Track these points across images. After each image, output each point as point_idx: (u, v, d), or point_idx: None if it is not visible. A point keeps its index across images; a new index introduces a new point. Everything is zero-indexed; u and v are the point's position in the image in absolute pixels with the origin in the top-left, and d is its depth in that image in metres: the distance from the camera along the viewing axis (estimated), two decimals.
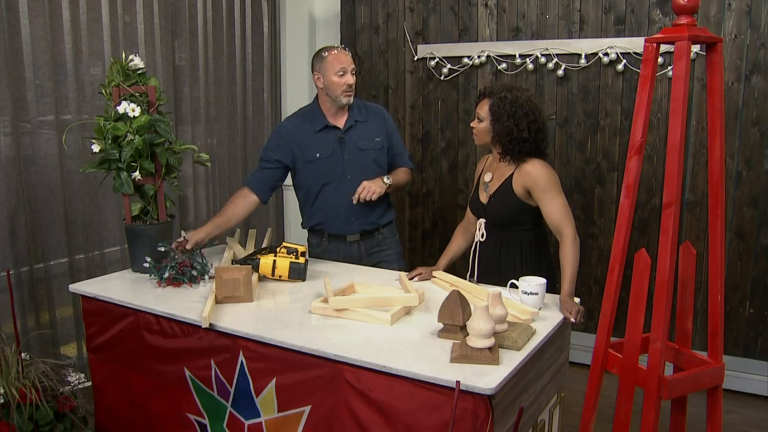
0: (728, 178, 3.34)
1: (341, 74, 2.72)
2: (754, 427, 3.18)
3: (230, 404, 2.06)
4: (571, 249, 2.37)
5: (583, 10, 3.57)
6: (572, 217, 2.44)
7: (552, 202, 2.42)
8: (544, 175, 2.43)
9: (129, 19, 3.22)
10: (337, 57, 2.73)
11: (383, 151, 2.90)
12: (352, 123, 2.84)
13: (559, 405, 2.22)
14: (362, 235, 2.91)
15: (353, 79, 2.76)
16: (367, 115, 2.90)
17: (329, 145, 2.82)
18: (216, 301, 2.17)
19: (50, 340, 2.96)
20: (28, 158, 2.83)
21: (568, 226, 2.40)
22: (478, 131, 2.56)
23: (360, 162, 2.84)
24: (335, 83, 2.73)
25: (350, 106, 2.85)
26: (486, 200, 2.58)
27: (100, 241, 3.16)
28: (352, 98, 2.80)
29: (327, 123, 2.82)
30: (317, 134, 2.82)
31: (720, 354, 1.88)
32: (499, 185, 2.53)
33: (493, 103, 2.50)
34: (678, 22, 1.71)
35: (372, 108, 2.95)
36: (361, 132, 2.86)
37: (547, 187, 2.43)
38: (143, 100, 2.48)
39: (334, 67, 2.72)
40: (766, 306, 3.38)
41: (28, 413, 2.21)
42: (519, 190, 2.47)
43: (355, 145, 2.83)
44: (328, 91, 2.76)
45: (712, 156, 1.79)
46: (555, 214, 2.41)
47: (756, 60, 3.23)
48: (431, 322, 1.99)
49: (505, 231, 2.54)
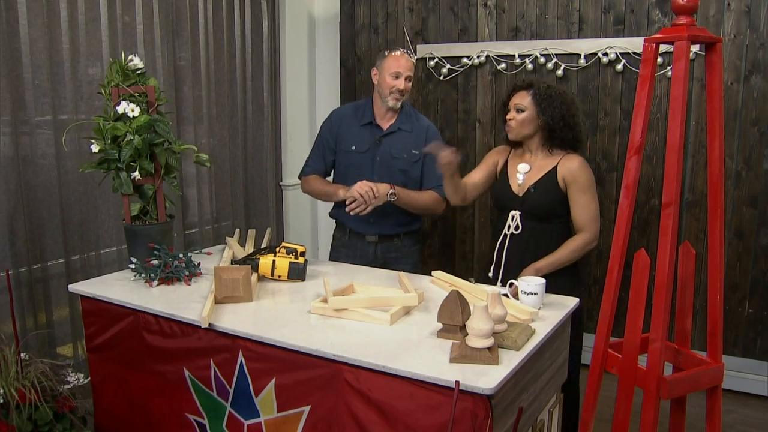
0: (727, 178, 3.34)
1: (395, 77, 2.79)
2: (753, 426, 3.18)
3: (229, 404, 2.06)
4: (578, 243, 2.43)
5: (583, 10, 3.57)
6: (599, 224, 2.49)
7: (587, 203, 2.47)
8: (587, 174, 2.48)
9: (128, 19, 3.22)
10: (397, 59, 2.80)
11: (417, 164, 2.92)
12: (395, 129, 2.89)
13: (558, 405, 2.21)
14: (380, 237, 2.93)
15: (405, 84, 2.81)
16: (413, 125, 2.93)
17: (366, 142, 2.90)
18: (215, 301, 2.17)
19: (47, 341, 2.96)
20: (26, 158, 2.83)
21: (593, 228, 2.46)
22: (519, 122, 2.54)
23: (389, 168, 2.88)
24: (387, 83, 2.80)
25: (401, 113, 2.90)
26: (521, 192, 2.56)
27: (96, 242, 3.15)
28: (399, 103, 2.85)
29: (372, 120, 2.90)
30: (361, 128, 2.91)
31: (719, 354, 1.89)
32: (541, 176, 2.52)
33: (537, 93, 2.51)
34: (677, 22, 1.71)
35: (421, 121, 2.99)
36: (400, 140, 2.89)
37: (585, 188, 2.47)
38: (142, 101, 2.48)
39: (391, 68, 2.79)
40: (766, 306, 3.38)
41: (28, 413, 2.21)
42: (561, 182, 2.50)
43: (389, 150, 2.88)
44: (379, 89, 2.85)
45: (712, 156, 1.79)
46: (585, 215, 2.46)
47: (755, 60, 3.23)
48: (431, 322, 1.99)
49: (543, 222, 2.54)
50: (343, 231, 3.05)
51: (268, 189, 4.23)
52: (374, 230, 2.93)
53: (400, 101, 2.84)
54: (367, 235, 2.95)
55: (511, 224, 2.58)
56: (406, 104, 2.94)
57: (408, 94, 2.89)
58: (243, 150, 4.02)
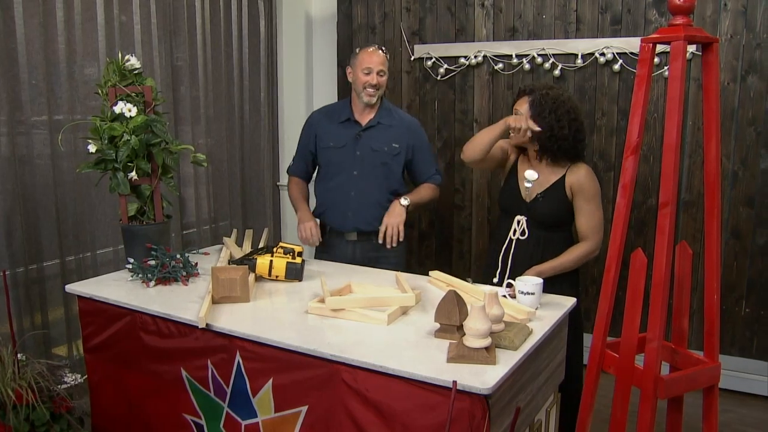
0: (724, 178, 3.35)
1: (366, 72, 2.81)
2: (750, 426, 3.19)
3: (227, 404, 2.06)
4: (582, 251, 2.47)
5: (580, 10, 3.58)
6: (602, 233, 2.50)
7: (592, 212, 2.48)
8: (594, 184, 2.50)
9: (125, 19, 3.21)
10: (369, 55, 2.83)
11: (398, 158, 2.94)
12: (374, 123, 2.91)
13: (555, 405, 2.22)
14: (359, 235, 2.92)
15: (378, 79, 2.83)
16: (392, 120, 2.95)
17: (345, 138, 2.91)
18: (213, 302, 2.17)
19: (43, 342, 2.95)
20: (23, 158, 2.82)
21: (596, 237, 2.48)
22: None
23: (370, 162, 2.90)
24: (360, 80, 2.83)
25: (380, 108, 2.92)
26: (529, 198, 2.56)
27: (92, 242, 3.15)
28: (374, 99, 2.87)
29: (350, 116, 2.92)
30: (339, 125, 2.94)
31: (716, 353, 1.89)
32: (549, 185, 2.52)
33: (534, 100, 2.49)
34: (674, 22, 1.71)
35: (402, 117, 3.02)
36: (380, 134, 2.91)
37: (591, 197, 2.49)
38: (140, 101, 2.48)
39: (363, 64, 2.82)
40: (762, 305, 3.38)
41: (25, 414, 2.20)
42: (569, 191, 2.50)
43: (369, 144, 2.90)
44: (354, 86, 2.88)
45: (708, 156, 1.79)
46: (589, 224, 2.48)
47: (752, 60, 3.23)
48: (428, 322, 1.99)
49: (549, 231, 2.54)
50: (323, 230, 3.03)
51: (266, 189, 4.23)
52: (352, 225, 2.92)
53: (374, 97, 2.85)
54: (346, 233, 2.95)
55: (518, 229, 2.57)
56: (384, 100, 2.96)
57: (383, 89, 2.90)
58: (240, 150, 4.02)
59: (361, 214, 2.88)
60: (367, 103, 2.88)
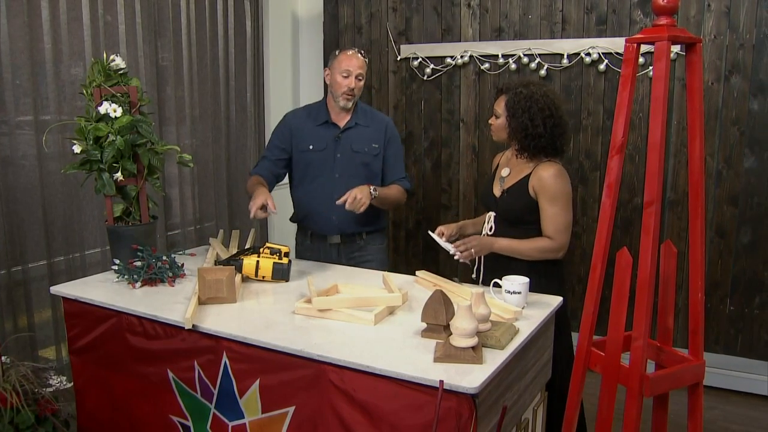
0: (708, 177, 3.38)
1: (345, 76, 2.79)
2: (735, 423, 3.22)
3: (214, 406, 2.05)
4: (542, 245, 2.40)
5: (565, 10, 3.59)
6: (568, 235, 2.43)
7: (555, 214, 2.40)
8: (556, 185, 2.39)
9: (110, 18, 3.19)
10: (348, 58, 2.81)
11: (378, 158, 2.93)
12: (352, 124, 2.89)
13: (542, 403, 2.23)
14: (342, 237, 2.92)
15: (356, 83, 2.81)
16: (369, 120, 2.94)
17: (324, 140, 2.88)
18: (199, 302, 2.16)
19: (29, 344, 2.93)
20: (6, 159, 2.79)
21: (560, 238, 2.40)
22: (495, 128, 2.55)
23: (351, 163, 2.88)
24: (338, 83, 2.81)
25: (356, 110, 2.91)
26: (499, 194, 2.55)
27: (80, 243, 3.13)
28: (350, 103, 2.85)
29: (328, 119, 2.89)
30: (317, 127, 2.90)
31: (701, 351, 1.90)
32: (515, 182, 2.50)
33: (508, 99, 2.48)
34: (658, 22, 1.73)
35: (378, 116, 2.99)
36: (359, 135, 2.89)
37: (554, 198, 2.39)
38: (125, 101, 2.46)
39: (341, 67, 2.80)
40: (747, 303, 3.42)
41: (9, 417, 2.18)
42: (531, 190, 2.45)
43: (349, 145, 2.88)
44: (331, 89, 2.86)
45: (693, 155, 1.81)
46: (551, 226, 2.40)
47: (735, 60, 3.26)
48: (415, 322, 1.99)
49: (514, 227, 2.51)
50: (304, 235, 3.02)
51: None
52: (336, 230, 2.91)
53: (351, 101, 2.84)
54: (329, 236, 2.93)
55: (486, 225, 2.59)
56: (359, 102, 2.94)
57: (359, 93, 2.87)
58: (226, 150, 4.00)
59: (344, 217, 2.86)
60: (343, 107, 2.86)
